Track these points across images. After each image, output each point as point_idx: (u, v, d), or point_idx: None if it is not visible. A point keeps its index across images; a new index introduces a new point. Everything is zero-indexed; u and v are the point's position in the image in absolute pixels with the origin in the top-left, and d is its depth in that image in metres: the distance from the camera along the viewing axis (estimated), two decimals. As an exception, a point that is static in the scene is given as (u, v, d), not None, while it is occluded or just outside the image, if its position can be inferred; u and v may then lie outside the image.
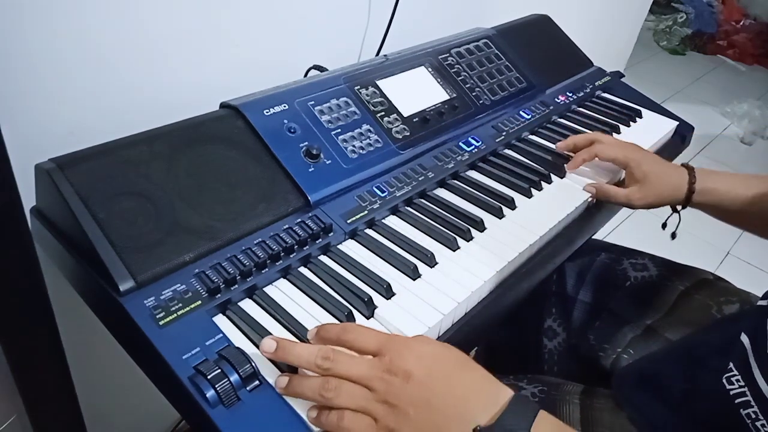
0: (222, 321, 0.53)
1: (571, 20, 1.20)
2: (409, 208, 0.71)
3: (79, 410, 0.65)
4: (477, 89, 0.89)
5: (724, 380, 0.50)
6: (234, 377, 0.46)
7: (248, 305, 0.55)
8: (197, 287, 0.53)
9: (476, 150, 0.82)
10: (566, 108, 0.98)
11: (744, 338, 0.50)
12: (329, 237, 0.63)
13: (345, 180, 0.68)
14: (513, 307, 0.72)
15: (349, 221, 0.65)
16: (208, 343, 0.49)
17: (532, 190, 0.77)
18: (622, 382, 0.63)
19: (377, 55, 1.00)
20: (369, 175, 0.71)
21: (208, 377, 0.45)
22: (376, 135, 0.75)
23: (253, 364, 0.47)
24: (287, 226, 0.61)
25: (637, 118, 1.00)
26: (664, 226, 0.85)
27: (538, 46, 1.05)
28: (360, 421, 0.44)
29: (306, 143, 0.68)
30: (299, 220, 0.62)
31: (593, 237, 0.91)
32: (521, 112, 0.92)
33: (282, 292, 0.58)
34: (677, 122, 1.01)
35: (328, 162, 0.68)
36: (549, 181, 0.80)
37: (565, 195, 0.78)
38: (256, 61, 0.85)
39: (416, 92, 0.82)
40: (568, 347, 0.80)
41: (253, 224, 0.60)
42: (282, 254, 0.59)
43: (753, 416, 0.47)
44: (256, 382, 0.47)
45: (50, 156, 0.55)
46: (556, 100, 0.99)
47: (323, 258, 0.62)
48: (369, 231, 0.67)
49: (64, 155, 0.56)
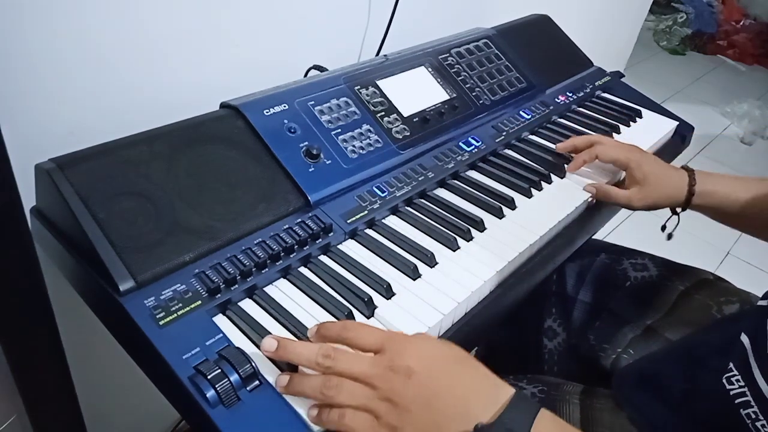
0: (222, 321, 0.53)
1: (571, 20, 1.20)
2: (409, 208, 0.71)
3: (79, 410, 0.65)
4: (477, 89, 0.89)
5: (724, 380, 0.50)
6: (234, 377, 0.46)
7: (248, 305, 0.55)
8: (197, 287, 0.53)
9: (476, 150, 0.82)
10: (566, 108, 0.98)
11: (744, 338, 0.50)
12: (329, 237, 0.63)
13: (345, 180, 0.68)
14: (513, 307, 0.72)
15: (349, 221, 0.65)
16: (208, 343, 0.49)
17: (532, 190, 0.77)
18: (622, 382, 0.63)
19: (377, 55, 1.00)
20: (369, 175, 0.71)
21: (208, 377, 0.45)
22: (376, 135, 0.75)
23: (253, 364, 0.47)
24: (287, 226, 0.61)
25: (637, 118, 1.00)
26: (664, 228, 0.85)
27: (538, 46, 1.05)
28: (361, 419, 0.44)
29: (306, 143, 0.68)
30: (299, 220, 0.62)
31: (593, 237, 0.91)
32: (521, 112, 0.92)
33: (282, 292, 0.58)
34: (677, 122, 1.01)
35: (328, 162, 0.69)
36: (549, 181, 0.80)
37: (565, 195, 0.78)
38: (256, 61, 0.85)
39: (416, 92, 0.82)
40: (568, 347, 0.80)
41: (253, 224, 0.60)
42: (282, 254, 0.59)
43: (753, 416, 0.47)
44: (256, 382, 0.47)
45: (50, 156, 0.55)
46: (556, 100, 0.99)
47: (323, 258, 0.62)
48: (369, 231, 0.67)
49: (64, 155, 0.56)
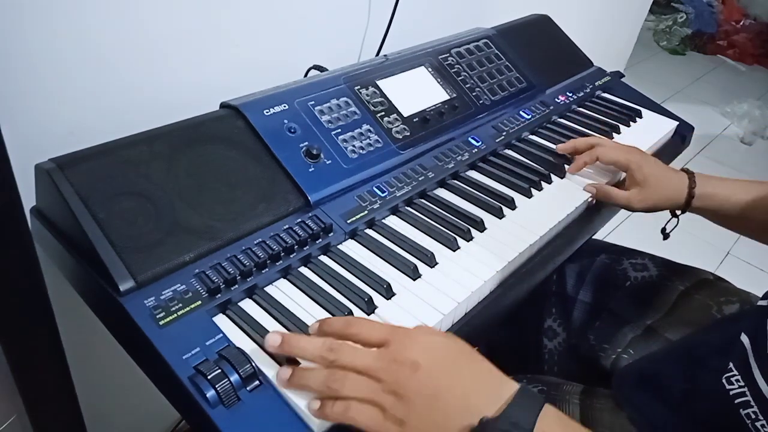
0: (222, 321, 0.53)
1: (571, 20, 1.20)
2: (409, 208, 0.71)
3: (79, 410, 0.65)
4: (477, 89, 0.89)
5: (724, 380, 0.50)
6: (234, 377, 0.46)
7: (248, 305, 0.55)
8: (197, 287, 0.53)
9: (476, 150, 0.82)
10: (566, 108, 0.98)
11: (744, 338, 0.50)
12: (329, 237, 0.63)
13: (345, 180, 0.68)
14: (513, 307, 0.72)
15: (349, 221, 0.65)
16: (208, 343, 0.49)
17: (532, 190, 0.77)
18: (622, 382, 0.63)
19: (377, 55, 1.00)
20: (369, 175, 0.71)
21: (208, 377, 0.45)
22: (376, 135, 0.75)
23: (254, 364, 0.47)
24: (287, 226, 0.61)
25: (637, 118, 1.00)
26: (664, 230, 0.85)
27: (538, 46, 1.05)
28: (367, 411, 0.44)
29: (306, 143, 0.68)
30: (299, 220, 0.62)
31: (593, 237, 0.91)
32: (521, 112, 0.92)
33: (282, 292, 0.58)
34: (677, 122, 1.01)
35: (328, 162, 0.68)
36: (549, 181, 0.80)
37: (565, 195, 0.78)
38: (256, 61, 0.85)
39: (416, 92, 0.82)
40: (568, 347, 0.80)
41: (253, 224, 0.60)
42: (282, 254, 0.59)
43: (753, 416, 0.47)
44: (257, 382, 0.47)
45: (50, 156, 0.55)
46: (556, 100, 0.99)
47: (323, 258, 0.62)
48: (369, 231, 0.67)
49: (64, 155, 0.56)
